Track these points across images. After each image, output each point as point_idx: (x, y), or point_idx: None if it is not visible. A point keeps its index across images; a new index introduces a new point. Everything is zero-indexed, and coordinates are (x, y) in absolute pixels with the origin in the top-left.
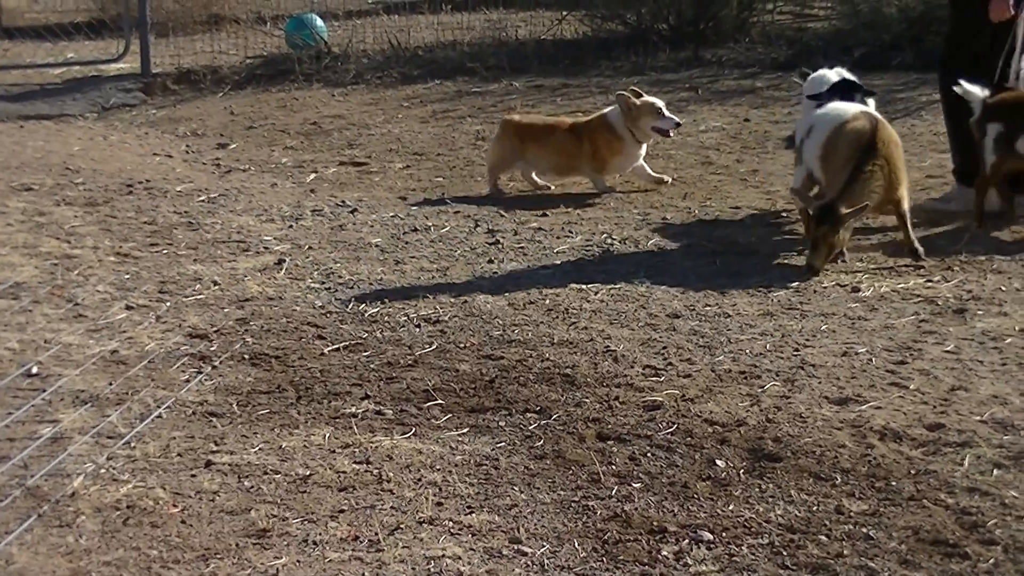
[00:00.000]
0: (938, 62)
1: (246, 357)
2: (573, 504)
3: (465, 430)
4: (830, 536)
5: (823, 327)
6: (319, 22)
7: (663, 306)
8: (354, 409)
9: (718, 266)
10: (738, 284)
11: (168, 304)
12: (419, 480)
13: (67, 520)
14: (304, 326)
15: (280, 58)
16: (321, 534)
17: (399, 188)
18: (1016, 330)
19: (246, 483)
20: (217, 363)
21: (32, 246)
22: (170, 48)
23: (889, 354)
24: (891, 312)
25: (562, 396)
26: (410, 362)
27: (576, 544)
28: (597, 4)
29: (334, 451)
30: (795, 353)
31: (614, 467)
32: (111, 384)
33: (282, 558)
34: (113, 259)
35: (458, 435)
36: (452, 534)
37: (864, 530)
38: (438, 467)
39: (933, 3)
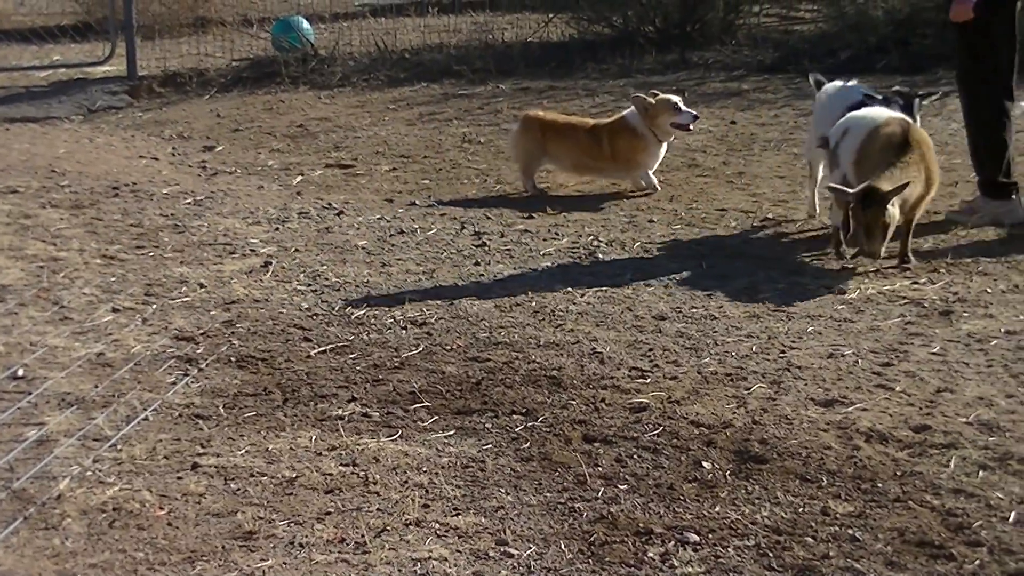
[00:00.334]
0: (958, 75)
1: (232, 359)
2: (559, 506)
3: (451, 432)
4: (816, 538)
5: (809, 329)
6: (305, 24)
7: (649, 308)
8: (340, 411)
9: (704, 268)
10: (724, 286)
11: (154, 307)
12: (405, 482)
13: (53, 522)
14: (290, 328)
15: (266, 61)
16: (307, 536)
17: (385, 190)
18: (1002, 332)
19: (232, 485)
20: (203, 365)
21: (17, 248)
22: (156, 51)
23: (875, 356)
24: (877, 314)
25: (548, 398)
26: (396, 364)
27: (562, 546)
28: (583, 7)
29: (320, 453)
30: (781, 355)
31: (600, 469)
32: (97, 387)
33: (268, 560)
34: (99, 262)
35: (444, 437)
36: (438, 536)
37: (850, 531)
38: (424, 469)
39: (919, 5)
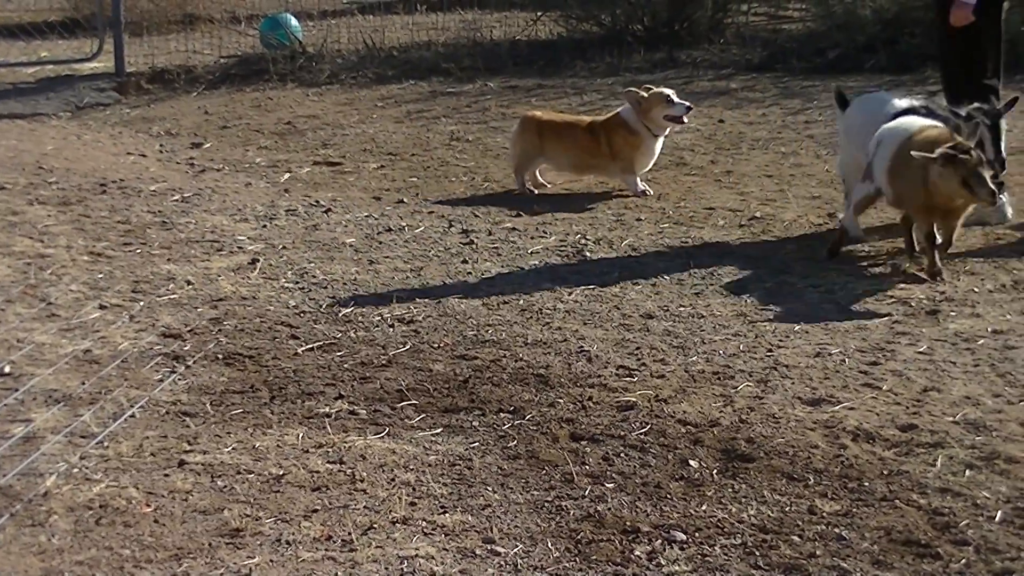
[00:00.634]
0: (943, 76)
1: (219, 357)
2: (546, 504)
3: (439, 430)
4: (803, 536)
5: (796, 328)
6: (293, 22)
7: (637, 306)
8: (328, 409)
9: (691, 267)
10: (712, 285)
11: (141, 304)
12: (392, 480)
13: (40, 519)
14: (278, 326)
15: (254, 58)
16: (294, 534)
17: (373, 188)
18: (989, 331)
19: (219, 483)
20: (190, 363)
21: (5, 245)
22: (144, 47)
23: (862, 355)
24: (864, 313)
25: (536, 396)
26: (384, 362)
27: (549, 544)
28: (571, 5)
29: (307, 451)
30: (768, 354)
31: (587, 467)
32: (84, 384)
33: (255, 558)
34: (86, 258)
35: (432, 435)
36: (425, 534)
37: (836, 530)
38: (411, 467)
39: (907, 5)
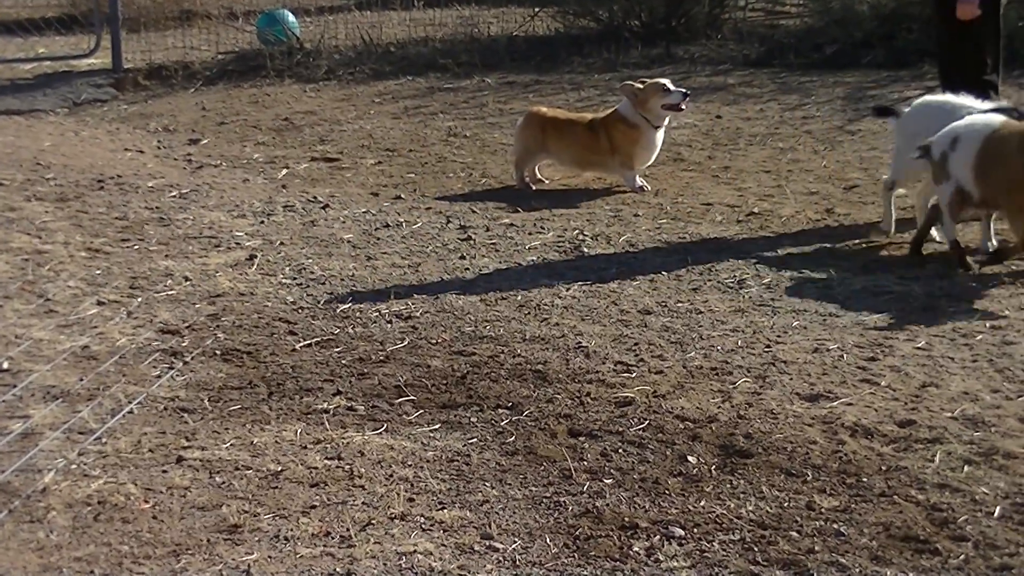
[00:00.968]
0: (940, 71)
1: (217, 353)
2: (545, 500)
3: (437, 426)
4: (801, 532)
5: (794, 323)
6: (291, 18)
7: (635, 302)
8: (326, 405)
9: (689, 263)
10: (709, 281)
11: (139, 300)
12: (390, 476)
13: (38, 516)
14: (275, 322)
15: (252, 54)
16: (292, 530)
17: (371, 184)
18: (987, 327)
19: (217, 479)
20: (188, 359)
21: (2, 242)
22: (141, 44)
23: (860, 351)
24: (862, 308)
25: (534, 392)
26: (382, 358)
27: (547, 540)
28: (569, 1)
29: (306, 447)
30: (766, 349)
31: (586, 463)
32: (82, 380)
33: (253, 554)
34: (84, 255)
35: (430, 431)
36: (423, 530)
37: (835, 526)
38: (410, 463)
39: (904, 0)
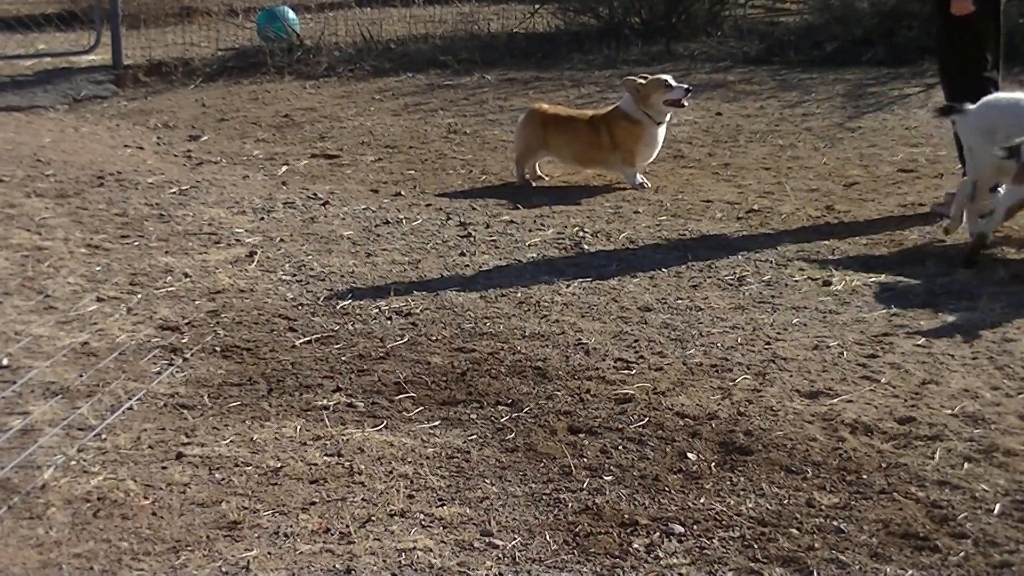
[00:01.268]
0: (941, 68)
1: (217, 349)
2: (544, 497)
3: (436, 423)
4: (801, 529)
5: (794, 320)
6: (291, 14)
7: (635, 299)
8: (325, 401)
9: (689, 259)
10: (709, 277)
11: (139, 296)
12: (390, 473)
13: (37, 512)
14: (275, 318)
15: (252, 50)
16: (292, 526)
17: (371, 181)
18: (987, 323)
19: (217, 475)
20: (188, 355)
21: (2, 238)
22: (141, 40)
23: (860, 348)
24: (862, 306)
25: (533, 389)
26: (381, 355)
27: (547, 537)
28: None
29: (305, 443)
30: (766, 346)
31: (585, 460)
32: (82, 376)
33: (253, 550)
34: (84, 251)
35: (429, 428)
36: (423, 527)
37: (835, 523)
38: (409, 460)
39: None
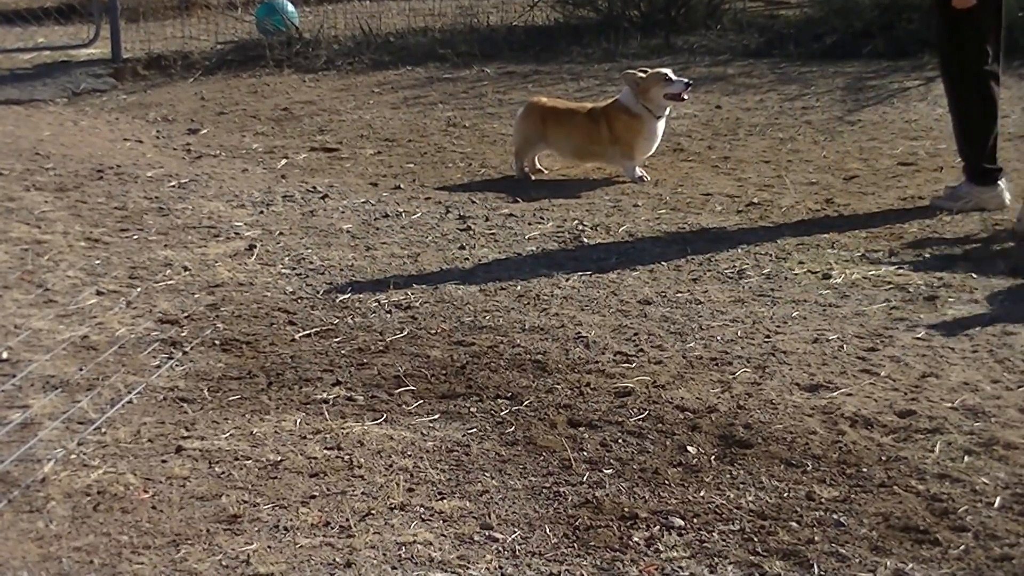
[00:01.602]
0: (941, 61)
1: (217, 343)
2: (544, 490)
3: (436, 416)
4: (801, 522)
5: (794, 314)
6: (290, 8)
7: (634, 292)
8: (325, 395)
9: (689, 253)
10: (709, 271)
11: (138, 290)
12: (390, 466)
13: (37, 506)
14: (275, 312)
15: (251, 44)
16: (292, 520)
17: (370, 174)
18: (987, 317)
19: (217, 469)
20: (188, 349)
21: (1, 231)
22: (140, 33)
23: (860, 341)
24: (862, 299)
25: (533, 382)
26: (381, 348)
27: (547, 530)
28: None
29: (305, 437)
30: (766, 340)
31: (585, 453)
32: (81, 369)
33: (253, 544)
34: (83, 244)
35: (429, 421)
36: (423, 520)
37: (835, 516)
38: (409, 453)
39: None
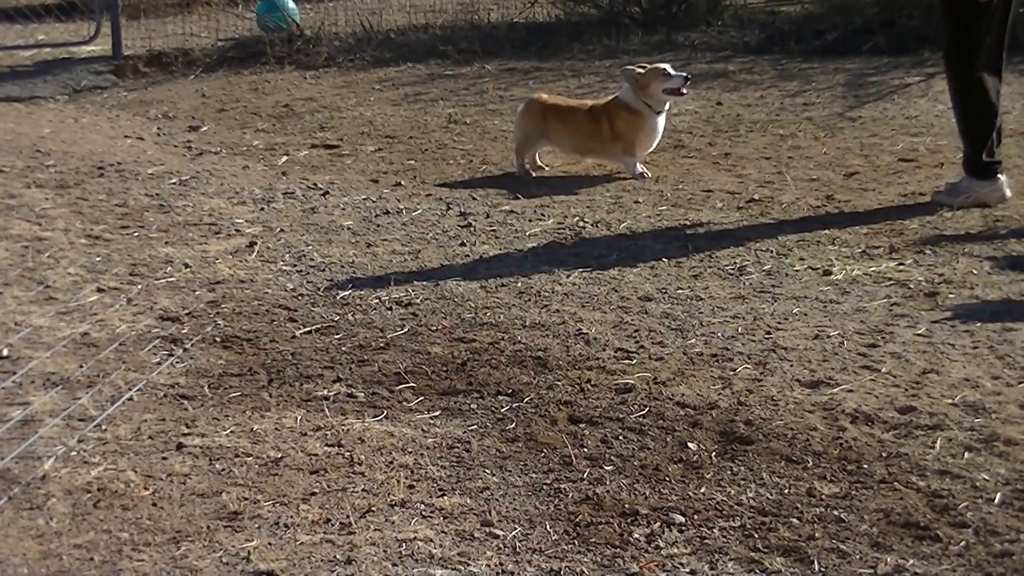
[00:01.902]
0: (945, 55)
1: (217, 340)
2: (545, 487)
3: (437, 413)
4: (801, 519)
5: (795, 310)
6: (291, 4)
7: (635, 289)
8: (326, 392)
9: (690, 249)
10: (710, 267)
11: (139, 287)
12: (391, 463)
13: (38, 503)
14: (276, 309)
15: (252, 40)
16: (292, 517)
17: (371, 171)
18: (988, 313)
19: (217, 466)
20: (188, 346)
21: (2, 228)
22: (141, 30)
23: (861, 337)
24: (863, 295)
25: (534, 379)
26: (382, 345)
27: (548, 527)
28: None
29: (306, 434)
30: (767, 336)
31: (586, 450)
32: (82, 366)
33: (253, 541)
34: (84, 241)
35: (430, 418)
36: (424, 517)
37: (835, 513)
38: (410, 450)
39: None
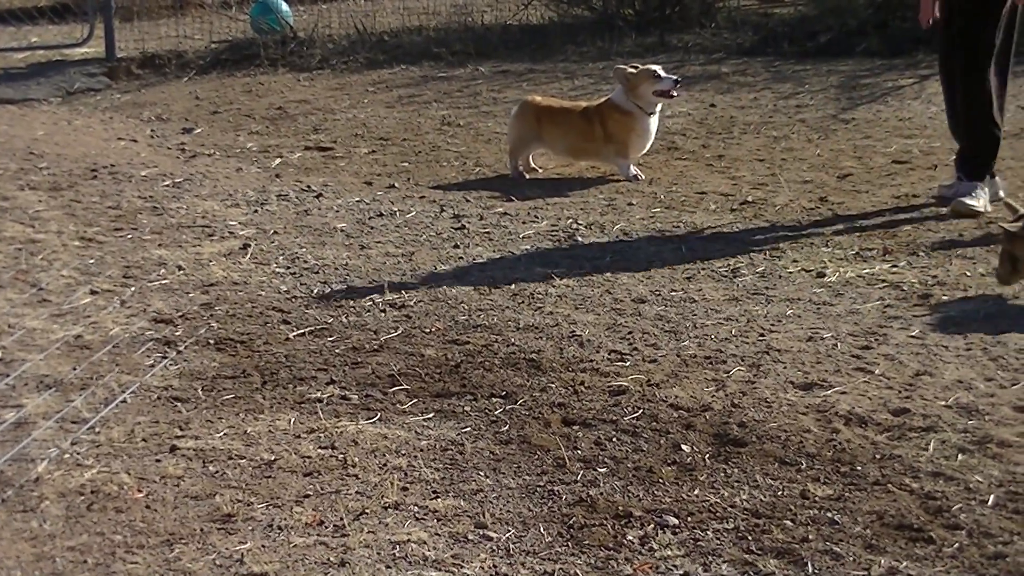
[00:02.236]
0: (958, 59)
1: (211, 342)
2: (538, 489)
3: (430, 415)
4: (795, 521)
5: (788, 312)
6: (284, 7)
7: (628, 291)
8: (319, 394)
9: (683, 251)
10: (703, 269)
11: (133, 289)
12: (384, 465)
13: (31, 505)
14: (269, 311)
15: (245, 43)
16: (286, 519)
17: (364, 173)
18: (981, 315)
19: (211, 468)
20: (182, 348)
21: None
22: (135, 32)
23: (854, 339)
24: (856, 297)
25: (528, 381)
26: (375, 347)
27: (541, 529)
28: None
29: (299, 436)
30: (760, 338)
31: (580, 452)
32: (75, 369)
33: (247, 543)
34: (77, 244)
35: (423, 420)
36: (417, 519)
37: (829, 515)
38: (403, 452)
39: None
